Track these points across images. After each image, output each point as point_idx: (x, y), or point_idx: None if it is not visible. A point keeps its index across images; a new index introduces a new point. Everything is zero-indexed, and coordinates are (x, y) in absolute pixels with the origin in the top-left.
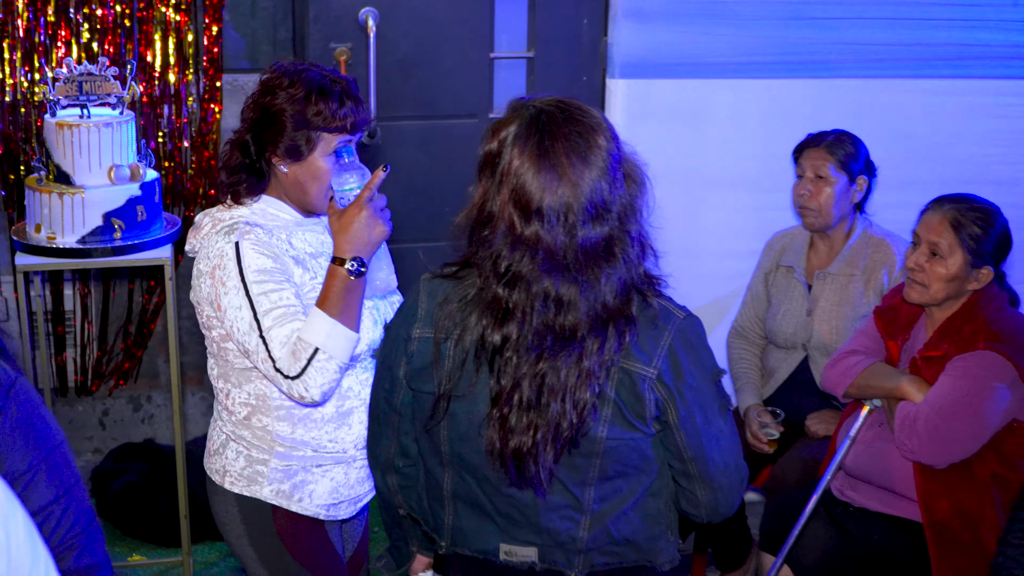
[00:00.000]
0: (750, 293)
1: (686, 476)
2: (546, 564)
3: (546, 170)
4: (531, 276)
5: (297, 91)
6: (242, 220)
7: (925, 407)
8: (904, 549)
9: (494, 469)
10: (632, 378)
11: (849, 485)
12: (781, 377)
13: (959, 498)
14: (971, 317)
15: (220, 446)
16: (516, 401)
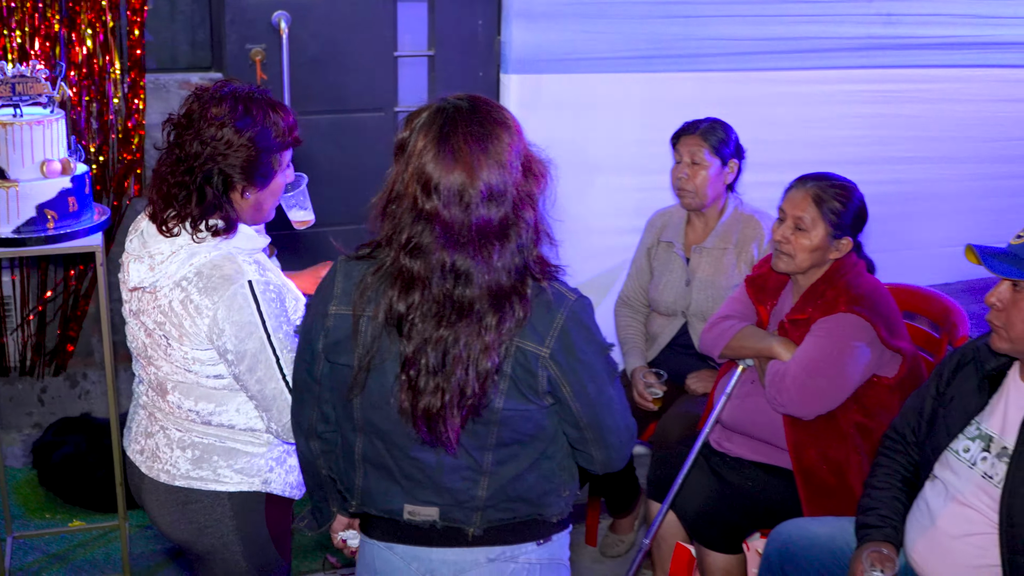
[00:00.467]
0: (634, 266)
1: (582, 441)
2: (446, 522)
3: (445, 153)
4: (430, 248)
5: (260, 115)
6: (242, 257)
7: (793, 365)
8: (777, 494)
9: (406, 430)
10: (526, 356)
11: (725, 437)
12: (663, 341)
13: (825, 446)
14: (833, 283)
15: (200, 458)
16: (423, 365)
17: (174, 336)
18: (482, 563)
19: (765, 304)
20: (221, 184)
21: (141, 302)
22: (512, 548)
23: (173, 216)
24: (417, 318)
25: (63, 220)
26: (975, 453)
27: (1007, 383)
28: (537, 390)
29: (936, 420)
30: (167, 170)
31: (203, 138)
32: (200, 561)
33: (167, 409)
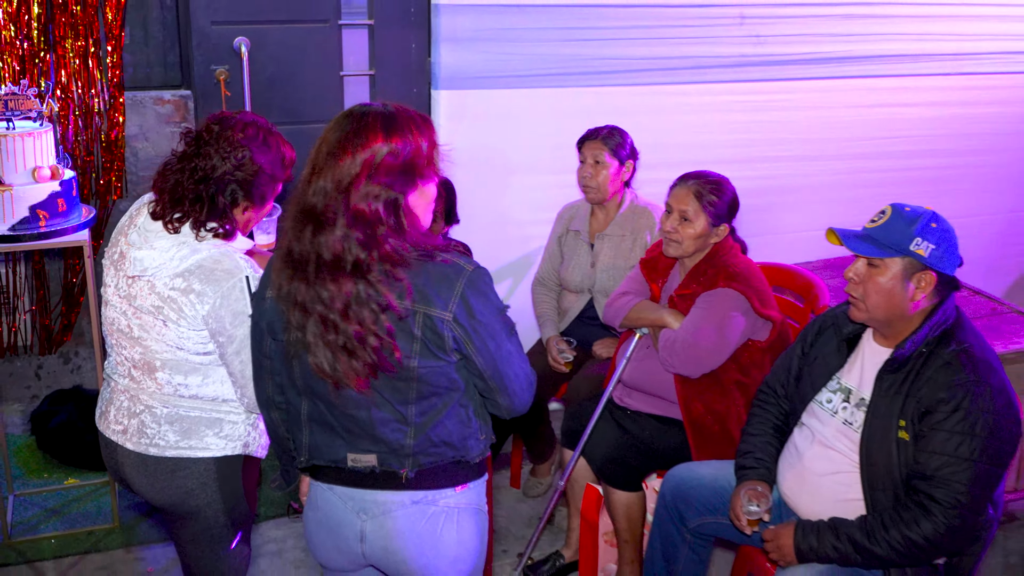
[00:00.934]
0: (547, 251)
1: (488, 390)
2: (384, 467)
3: (339, 149)
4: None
5: (270, 149)
6: (238, 255)
7: (681, 332)
8: (670, 441)
9: (339, 392)
10: (433, 321)
11: (626, 394)
12: (573, 314)
13: (710, 400)
14: (713, 263)
15: (188, 430)
16: (321, 330)
17: (172, 319)
18: (407, 504)
19: (657, 282)
20: (230, 198)
21: (137, 288)
22: (433, 493)
23: (180, 216)
24: (309, 288)
25: (53, 219)
26: (836, 403)
27: (862, 344)
28: (445, 348)
29: (802, 376)
30: (184, 176)
31: (224, 155)
32: (182, 521)
33: (153, 388)
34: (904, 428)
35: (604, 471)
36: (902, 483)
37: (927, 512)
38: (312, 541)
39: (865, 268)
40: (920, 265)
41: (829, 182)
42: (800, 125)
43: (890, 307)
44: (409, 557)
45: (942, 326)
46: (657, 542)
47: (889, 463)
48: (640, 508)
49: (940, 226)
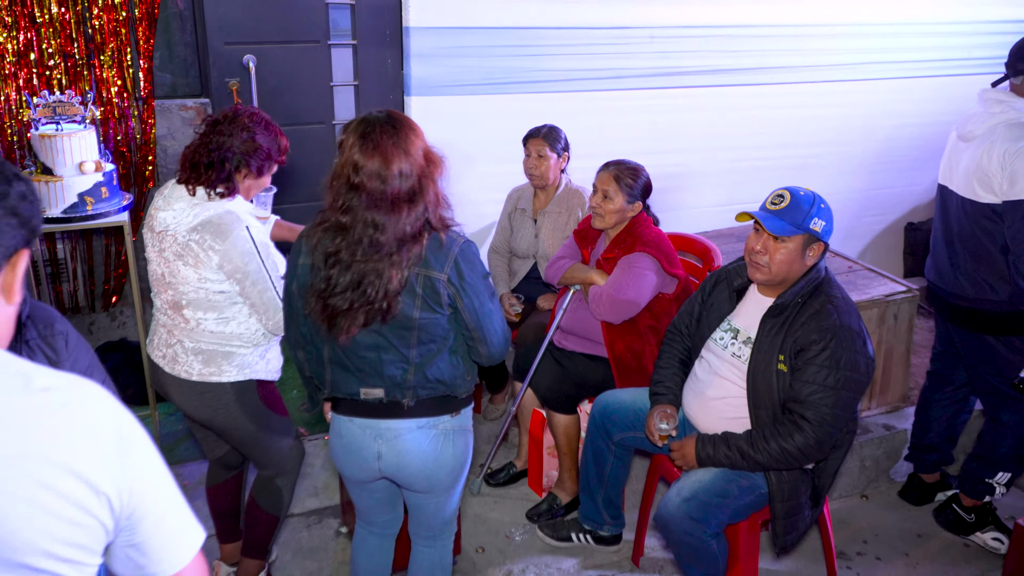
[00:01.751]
0: (500, 226)
1: (472, 339)
2: (389, 398)
3: (367, 146)
4: (357, 208)
5: (269, 133)
6: (240, 212)
7: (606, 288)
8: (598, 374)
9: (326, 328)
10: (432, 281)
11: (563, 337)
12: (521, 275)
13: (629, 341)
14: (631, 233)
15: (208, 360)
16: (340, 282)
17: (191, 264)
18: (413, 429)
19: (587, 248)
20: (234, 164)
21: (165, 242)
22: (433, 419)
23: (196, 180)
24: (344, 253)
25: (98, 204)
26: (727, 341)
27: (748, 294)
28: (441, 303)
29: (701, 319)
30: (201, 150)
31: (232, 133)
32: (223, 433)
33: (183, 324)
34: (783, 362)
35: (547, 399)
36: (780, 405)
37: (799, 428)
38: (338, 461)
39: (772, 242)
40: (814, 238)
41: (721, 168)
42: (698, 124)
43: (789, 271)
44: (417, 469)
45: (814, 281)
46: (590, 453)
47: (770, 388)
48: (576, 427)
49: (826, 206)
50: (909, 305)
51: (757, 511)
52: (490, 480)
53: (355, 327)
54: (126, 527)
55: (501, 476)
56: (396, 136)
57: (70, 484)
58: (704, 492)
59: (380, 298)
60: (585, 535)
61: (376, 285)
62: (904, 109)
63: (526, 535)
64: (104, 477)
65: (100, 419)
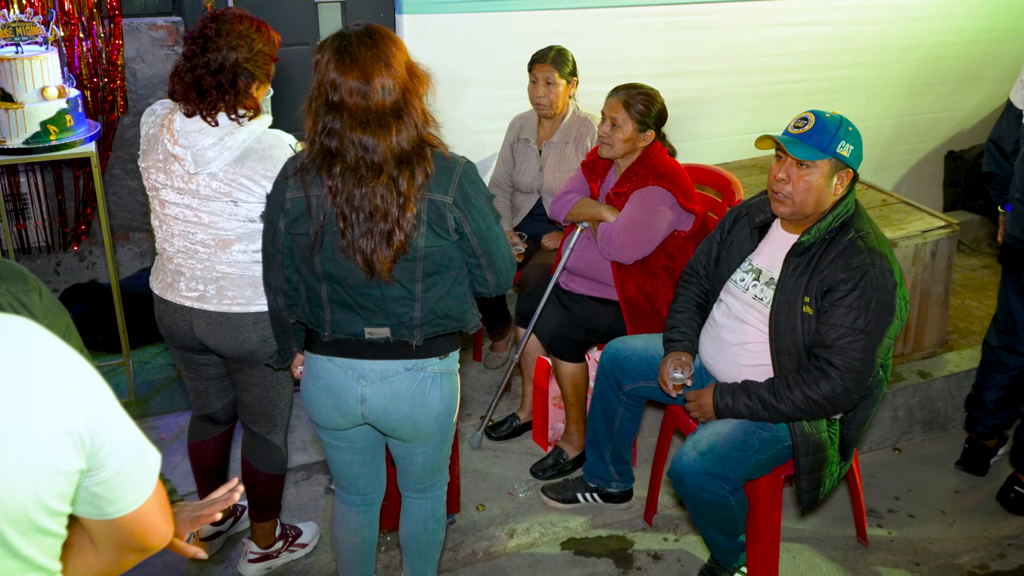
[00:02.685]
0: (501, 157)
1: (479, 267)
2: (396, 337)
3: (344, 60)
4: (341, 130)
5: (264, 34)
6: (273, 131)
7: (617, 225)
8: (607, 318)
9: (355, 274)
10: (437, 205)
11: (570, 279)
12: (524, 211)
13: (642, 282)
14: (644, 164)
15: (237, 288)
16: (353, 219)
17: (242, 199)
18: (400, 371)
19: (596, 181)
20: (247, 80)
21: (198, 182)
22: (422, 361)
23: (212, 107)
24: (340, 183)
25: (62, 133)
26: (748, 282)
27: (771, 231)
28: (447, 229)
29: (720, 259)
30: (202, 72)
31: (234, 46)
32: (253, 368)
33: (230, 259)
34: (808, 304)
35: (552, 345)
36: (805, 351)
37: (826, 375)
38: (312, 405)
39: (796, 169)
40: (842, 164)
41: (742, 93)
42: (717, 43)
43: (817, 201)
44: (403, 414)
45: (843, 216)
46: (598, 404)
47: (794, 333)
48: (583, 376)
49: (854, 130)
50: (948, 242)
51: (780, 465)
52: (491, 433)
53: (388, 263)
54: (92, 467)
55: (503, 429)
56: (375, 48)
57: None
58: (722, 445)
59: (396, 228)
60: (592, 494)
61: (389, 213)
62: (948, 26)
63: (530, 491)
64: (77, 418)
65: (65, 359)
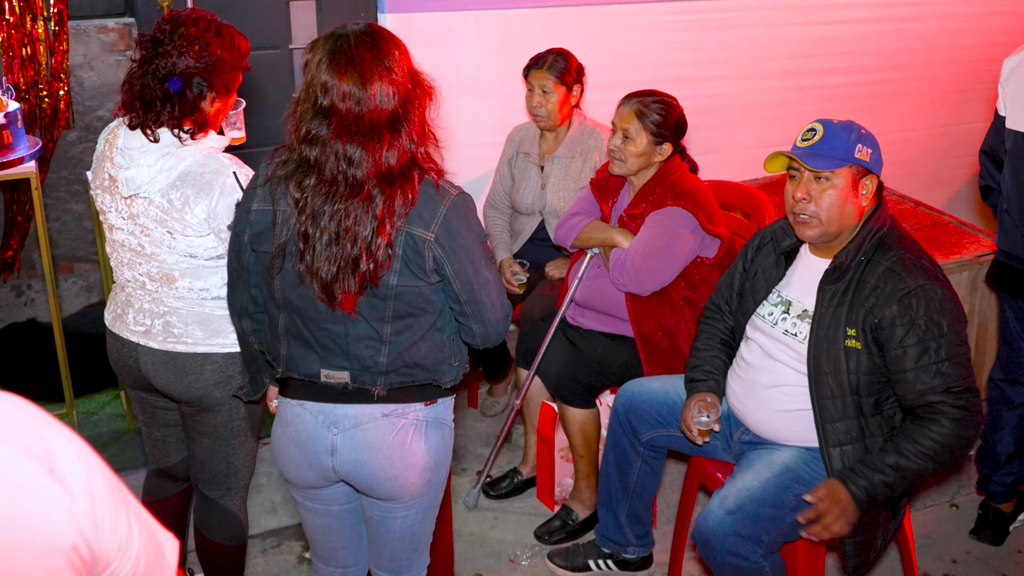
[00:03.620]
0: (498, 174)
1: (463, 315)
2: (356, 384)
3: (339, 61)
4: (326, 138)
5: (224, 39)
6: (220, 155)
7: (631, 251)
8: (621, 357)
9: (318, 305)
10: (415, 240)
11: (579, 313)
12: (525, 236)
13: (660, 316)
14: (661, 182)
15: (215, 330)
16: (317, 237)
17: (177, 229)
18: (377, 417)
19: (607, 201)
20: (197, 90)
21: (137, 207)
22: (404, 406)
23: (154, 120)
24: (311, 196)
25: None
26: (777, 316)
27: (800, 258)
28: (425, 269)
29: (744, 292)
30: (149, 79)
31: (183, 50)
32: (203, 415)
33: (176, 295)
34: (854, 337)
35: (559, 389)
36: (852, 392)
37: (940, 413)
38: (281, 457)
39: (815, 184)
40: (864, 170)
41: (773, 100)
42: (746, 43)
43: (844, 215)
44: (380, 468)
45: (878, 233)
46: (611, 456)
47: (838, 371)
48: (594, 424)
49: (867, 132)
50: None
51: None
52: (490, 491)
53: (352, 294)
54: None
55: (504, 486)
56: (376, 50)
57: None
58: (754, 502)
59: (364, 254)
60: (606, 561)
61: (359, 237)
62: (1004, 24)
63: (535, 558)
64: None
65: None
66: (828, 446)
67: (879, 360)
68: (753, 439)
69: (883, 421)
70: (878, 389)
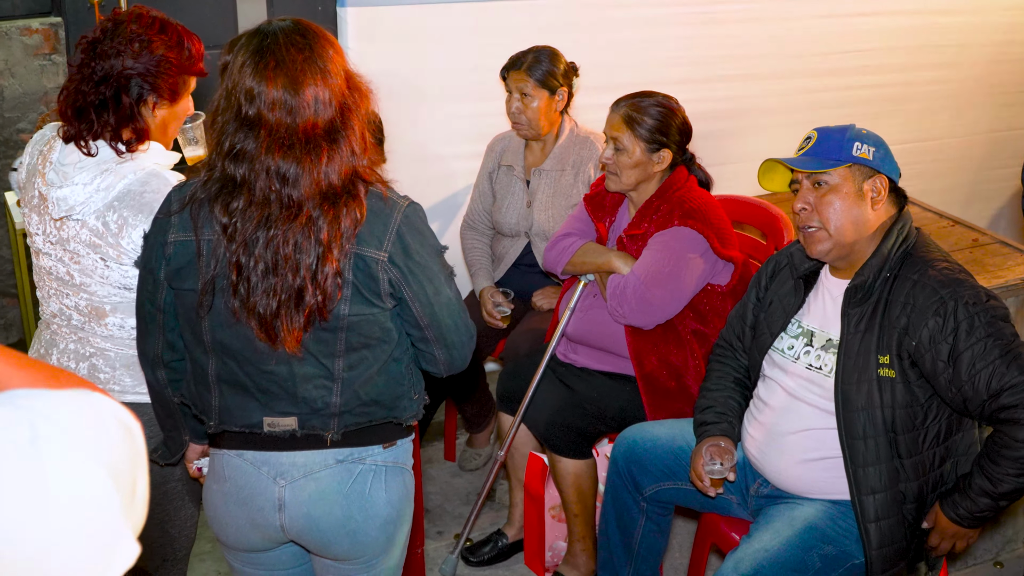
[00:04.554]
0: (477, 190)
1: (424, 340)
2: (305, 430)
3: (266, 63)
4: (254, 153)
5: (170, 38)
6: (166, 172)
7: (632, 277)
8: (621, 400)
9: (256, 345)
10: (367, 262)
11: (571, 349)
12: (509, 261)
13: (665, 352)
14: (666, 198)
15: (112, 370)
16: (252, 267)
17: (112, 256)
18: (331, 464)
19: (604, 221)
20: (136, 95)
21: (68, 230)
22: (360, 450)
23: (88, 130)
24: (240, 221)
25: None
26: (799, 349)
27: (820, 282)
28: (380, 293)
29: (758, 325)
30: (84, 86)
31: (121, 49)
32: None
33: (105, 333)
34: (887, 365)
35: (548, 437)
36: (888, 430)
37: (1015, 420)
38: (217, 518)
39: (815, 193)
40: (869, 170)
41: (794, 103)
42: (761, 41)
43: (855, 224)
44: (336, 522)
45: (902, 245)
46: (611, 514)
47: (871, 405)
48: (590, 477)
49: (868, 132)
50: None
51: None
52: (471, 557)
53: (297, 330)
54: None
55: (486, 551)
56: (309, 50)
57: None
58: (772, 565)
59: (310, 286)
60: None
61: (302, 266)
62: None
63: None
64: None
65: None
66: (860, 494)
67: (917, 390)
68: (773, 492)
69: (919, 464)
70: (916, 425)
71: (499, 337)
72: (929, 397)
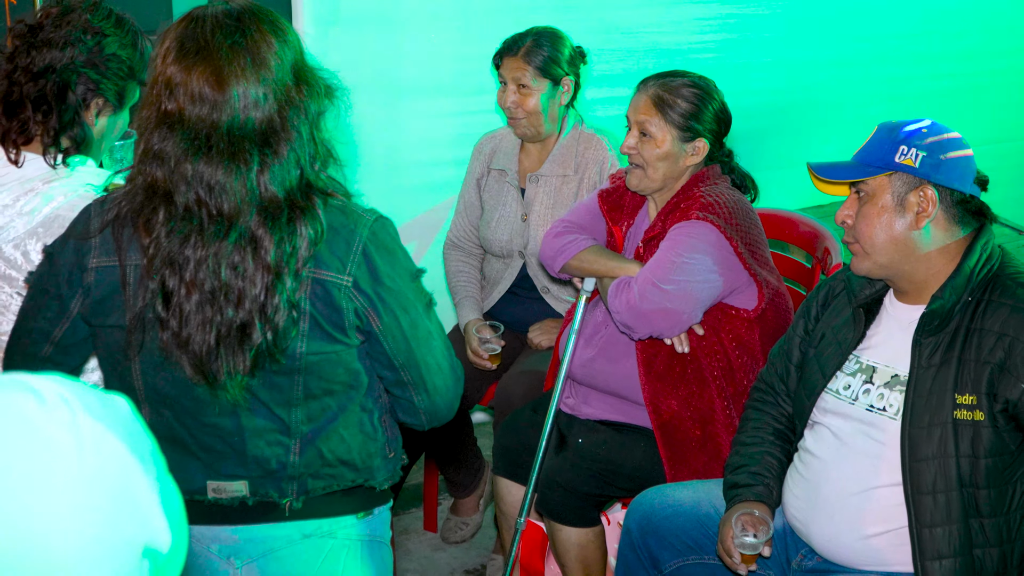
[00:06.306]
0: (462, 201)
1: (400, 384)
2: (258, 496)
3: (188, 50)
4: (174, 155)
5: (126, 34)
6: (92, 193)
7: (639, 272)
8: (635, 456)
9: (196, 393)
10: (326, 288)
11: (579, 398)
12: (502, 287)
13: (687, 394)
14: (688, 196)
15: None
16: (184, 295)
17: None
18: (296, 540)
19: (620, 225)
20: (80, 95)
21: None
22: (330, 522)
23: (21, 131)
24: (163, 238)
25: None
26: (857, 388)
27: (884, 310)
28: (343, 326)
29: (807, 363)
30: (19, 77)
31: (69, 39)
32: None
33: None
34: (968, 406)
35: (547, 501)
36: (967, 483)
37: None
38: None
39: (856, 204)
40: (915, 180)
41: (853, 96)
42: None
43: (895, 242)
44: None
45: (987, 266)
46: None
47: (943, 454)
48: (598, 548)
49: (937, 131)
50: None
51: None
52: None
53: (242, 371)
54: None
55: None
56: (240, 36)
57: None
58: None
59: (258, 318)
60: None
61: (245, 295)
62: None
63: None
64: None
65: None
66: (924, 559)
67: (1007, 436)
68: (819, 565)
69: (1004, 526)
70: (1005, 478)
71: (488, 381)
72: (1021, 444)
